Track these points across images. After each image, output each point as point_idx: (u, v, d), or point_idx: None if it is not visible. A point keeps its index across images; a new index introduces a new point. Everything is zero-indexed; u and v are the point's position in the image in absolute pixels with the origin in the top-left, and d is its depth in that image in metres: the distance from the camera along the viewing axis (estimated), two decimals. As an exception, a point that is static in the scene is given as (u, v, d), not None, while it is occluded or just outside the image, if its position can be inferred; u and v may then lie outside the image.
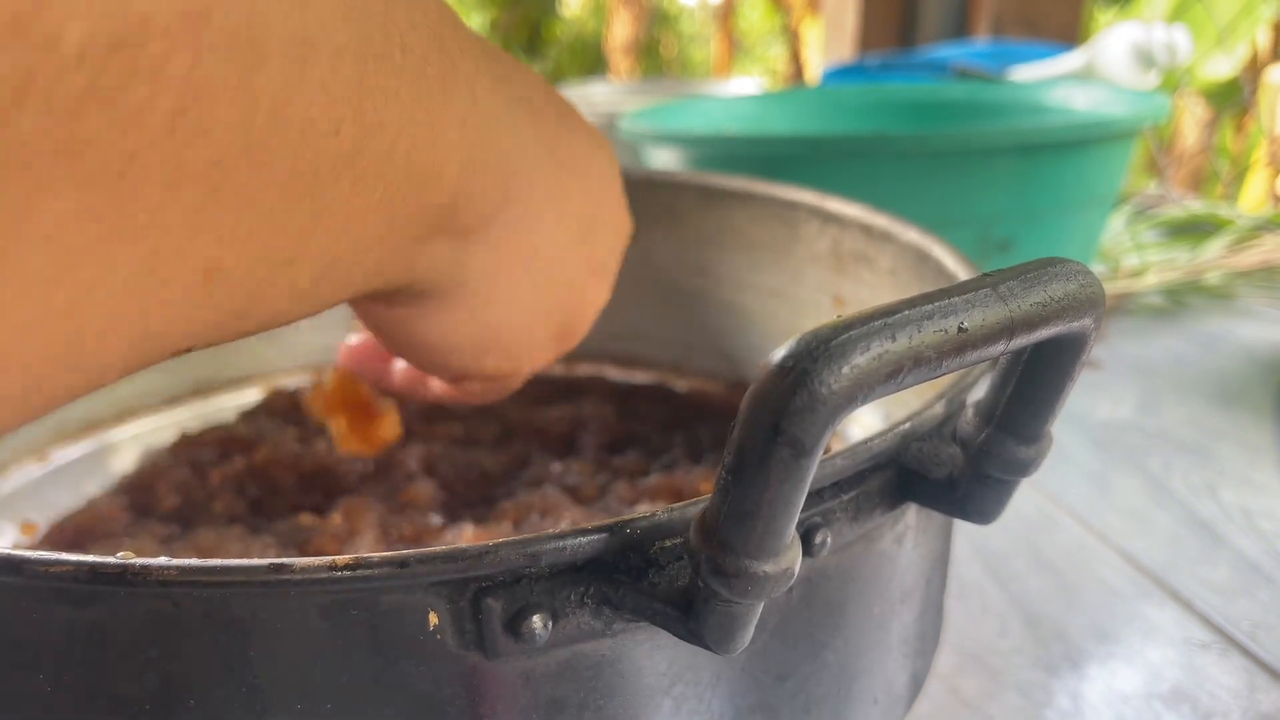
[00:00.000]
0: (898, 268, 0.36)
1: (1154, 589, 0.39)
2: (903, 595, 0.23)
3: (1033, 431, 0.17)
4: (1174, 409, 0.55)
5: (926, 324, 0.12)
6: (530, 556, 0.16)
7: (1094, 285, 0.14)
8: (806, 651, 0.21)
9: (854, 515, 0.19)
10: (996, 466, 0.17)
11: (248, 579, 0.16)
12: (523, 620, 0.16)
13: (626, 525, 0.16)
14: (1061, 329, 0.14)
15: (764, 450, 0.12)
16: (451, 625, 0.16)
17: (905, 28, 1.33)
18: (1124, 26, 0.86)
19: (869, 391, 0.12)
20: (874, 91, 0.84)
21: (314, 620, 0.16)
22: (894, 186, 0.59)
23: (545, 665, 0.17)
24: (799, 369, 0.11)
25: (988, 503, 0.18)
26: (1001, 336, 0.13)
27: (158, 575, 0.16)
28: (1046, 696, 0.33)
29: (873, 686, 0.23)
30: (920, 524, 0.23)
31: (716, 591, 0.14)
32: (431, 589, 0.16)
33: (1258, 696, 0.32)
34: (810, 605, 0.20)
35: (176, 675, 0.17)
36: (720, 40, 2.93)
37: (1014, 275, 0.13)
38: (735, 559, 0.13)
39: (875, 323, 0.12)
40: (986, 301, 0.13)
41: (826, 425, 0.12)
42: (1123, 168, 0.66)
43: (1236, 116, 1.59)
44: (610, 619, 0.17)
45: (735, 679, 0.20)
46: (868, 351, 0.12)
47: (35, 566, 0.16)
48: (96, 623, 0.17)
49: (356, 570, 0.15)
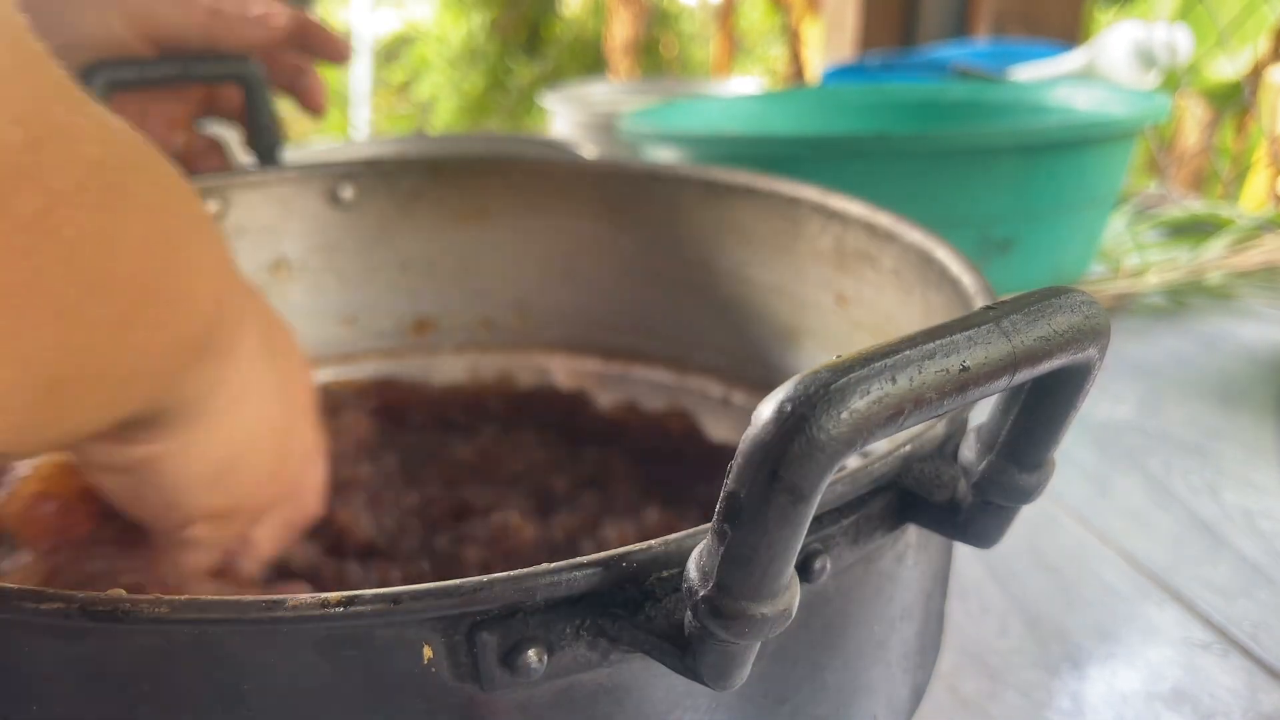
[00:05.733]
0: (901, 268, 0.36)
1: (1154, 589, 0.38)
2: (903, 613, 0.23)
3: (1035, 459, 0.16)
4: (1175, 409, 0.55)
5: (928, 364, 0.12)
6: (525, 591, 0.16)
7: (1098, 316, 0.14)
8: (806, 674, 0.20)
9: (854, 539, 0.19)
10: (998, 493, 0.17)
11: (240, 616, 0.15)
12: (518, 654, 0.16)
13: (622, 559, 0.16)
14: (1066, 361, 0.14)
15: (762, 497, 0.12)
16: (447, 659, 0.16)
17: (905, 28, 1.32)
18: (1125, 26, 0.86)
19: (869, 436, 0.11)
20: (874, 91, 0.83)
21: (307, 656, 0.16)
22: (894, 186, 0.59)
23: (541, 696, 0.17)
24: (797, 414, 0.11)
25: (989, 528, 0.18)
26: (1004, 373, 0.13)
27: (150, 612, 0.15)
28: (1047, 696, 0.33)
29: (873, 703, 0.23)
30: (921, 542, 0.23)
31: (713, 632, 0.14)
32: (426, 624, 0.16)
33: (1258, 697, 0.32)
34: (809, 627, 0.20)
35: (169, 710, 0.17)
36: (720, 40, 2.91)
37: (1017, 308, 0.13)
38: (733, 602, 0.13)
39: (875, 364, 0.11)
40: (989, 338, 0.12)
41: (825, 471, 0.11)
42: (1123, 168, 0.66)
43: (1237, 116, 1.59)
44: (606, 650, 0.16)
45: (734, 705, 0.19)
46: (867, 395, 0.11)
47: (27, 603, 0.16)
48: (88, 657, 0.17)
49: (349, 607, 0.15)
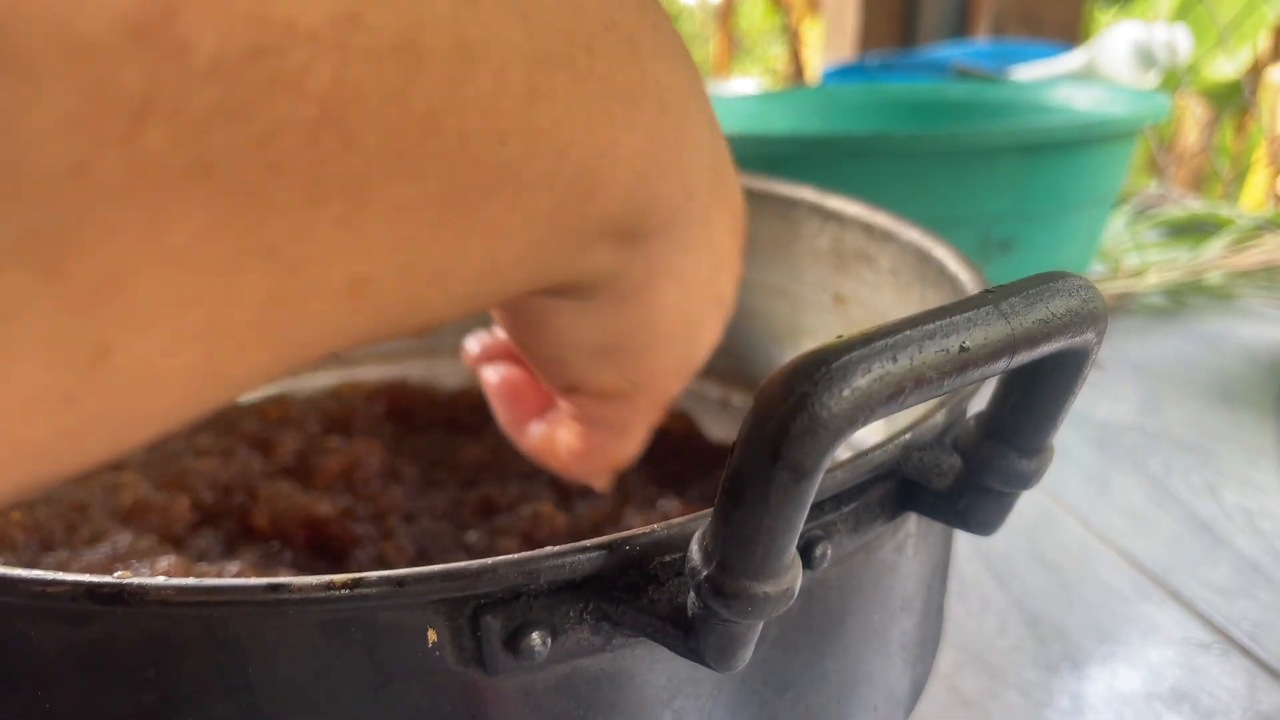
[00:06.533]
0: (899, 267, 0.36)
1: (1154, 589, 0.38)
2: (903, 603, 0.23)
3: (1034, 444, 0.17)
4: (1175, 409, 0.55)
5: (928, 344, 0.12)
6: (529, 574, 0.16)
7: (1096, 300, 0.14)
8: (806, 661, 0.21)
9: (854, 526, 0.19)
10: (997, 479, 0.17)
11: (245, 599, 0.16)
12: (522, 637, 0.16)
13: (626, 542, 0.16)
14: (1064, 344, 0.14)
15: (764, 474, 0.12)
16: (450, 642, 0.16)
17: (905, 28, 1.33)
18: (1124, 26, 0.86)
19: (870, 414, 0.11)
20: (874, 91, 0.84)
21: (313, 639, 0.16)
22: (894, 186, 0.59)
23: (545, 680, 0.17)
24: (799, 392, 0.11)
25: (988, 514, 0.18)
26: (1003, 354, 0.13)
27: (155, 595, 0.15)
28: (1047, 696, 0.33)
29: (873, 694, 0.23)
30: (921, 531, 0.23)
31: (716, 612, 0.14)
32: (430, 607, 0.16)
33: (1258, 696, 0.32)
34: (810, 615, 0.20)
35: (175, 694, 0.17)
36: (720, 40, 2.91)
37: (1015, 291, 0.13)
38: (735, 580, 0.13)
39: (876, 344, 0.12)
40: (988, 319, 0.13)
41: (827, 449, 0.11)
42: (1123, 168, 0.66)
43: (1237, 116, 1.59)
44: (610, 634, 0.17)
45: (735, 691, 0.20)
46: (869, 374, 0.11)
47: (32, 586, 0.16)
48: (94, 642, 0.17)
49: (354, 590, 0.15)
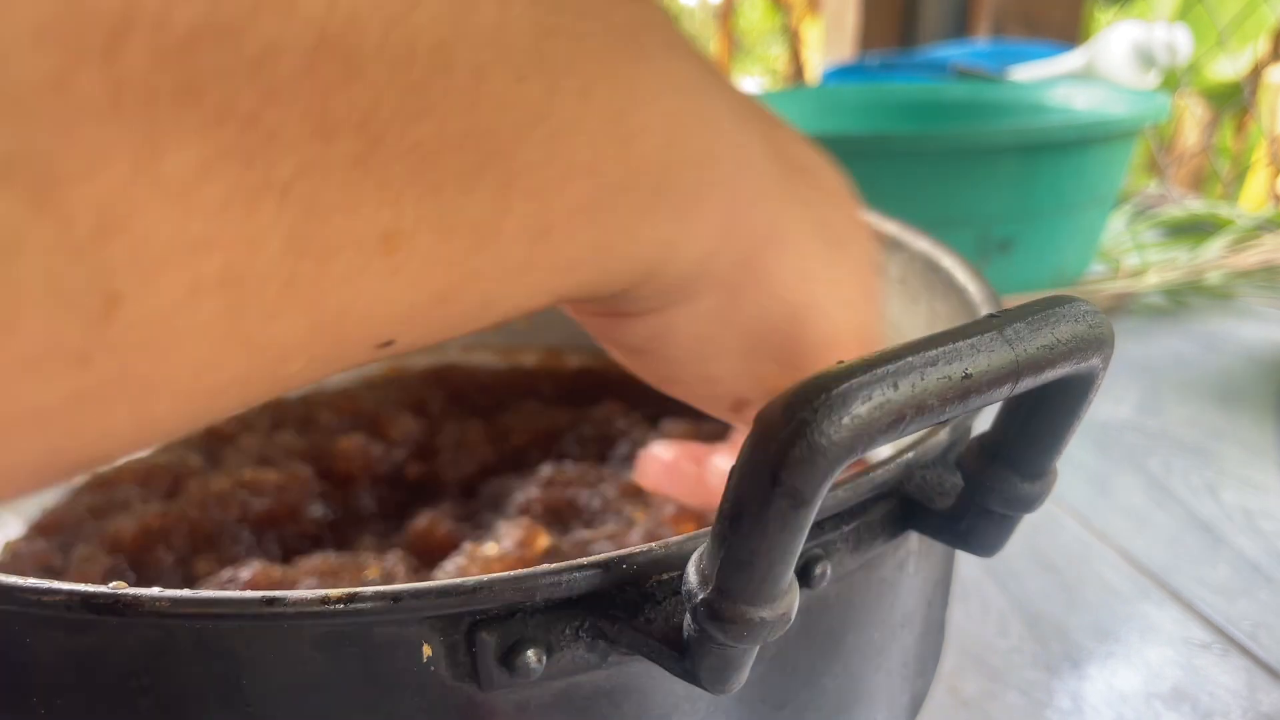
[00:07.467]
0: (907, 276, 0.36)
1: (1154, 589, 0.38)
2: (904, 620, 0.23)
3: (1037, 468, 0.16)
4: (1175, 409, 0.55)
5: (930, 370, 0.12)
6: (525, 591, 0.16)
7: (1102, 326, 0.14)
8: (805, 679, 0.20)
9: (855, 546, 0.19)
10: (999, 502, 0.17)
11: (240, 611, 0.15)
12: (517, 654, 0.16)
13: (622, 560, 0.16)
14: (1069, 370, 0.14)
15: (762, 500, 0.12)
16: (445, 658, 0.16)
17: (905, 28, 1.32)
18: (1124, 26, 0.86)
19: (870, 442, 0.11)
20: (874, 91, 0.83)
21: (307, 652, 0.16)
22: (894, 186, 0.59)
23: (540, 697, 0.17)
24: (798, 419, 0.11)
25: (990, 536, 0.18)
26: (1007, 380, 0.13)
27: (151, 606, 0.15)
28: (1047, 696, 0.33)
29: (872, 710, 0.23)
30: (923, 549, 0.23)
31: (712, 635, 0.14)
32: (425, 623, 0.16)
33: (1258, 696, 0.32)
34: (809, 634, 0.20)
35: (170, 703, 0.17)
36: (720, 40, 2.90)
37: (1020, 316, 0.13)
38: (731, 605, 0.13)
39: (877, 370, 0.11)
40: (992, 346, 0.12)
41: (826, 476, 0.11)
42: (1123, 168, 0.66)
43: (1237, 116, 1.59)
44: (605, 652, 0.16)
45: (732, 709, 0.19)
46: (869, 401, 0.11)
47: (28, 595, 0.16)
48: (90, 650, 0.17)
49: (349, 604, 0.15)
